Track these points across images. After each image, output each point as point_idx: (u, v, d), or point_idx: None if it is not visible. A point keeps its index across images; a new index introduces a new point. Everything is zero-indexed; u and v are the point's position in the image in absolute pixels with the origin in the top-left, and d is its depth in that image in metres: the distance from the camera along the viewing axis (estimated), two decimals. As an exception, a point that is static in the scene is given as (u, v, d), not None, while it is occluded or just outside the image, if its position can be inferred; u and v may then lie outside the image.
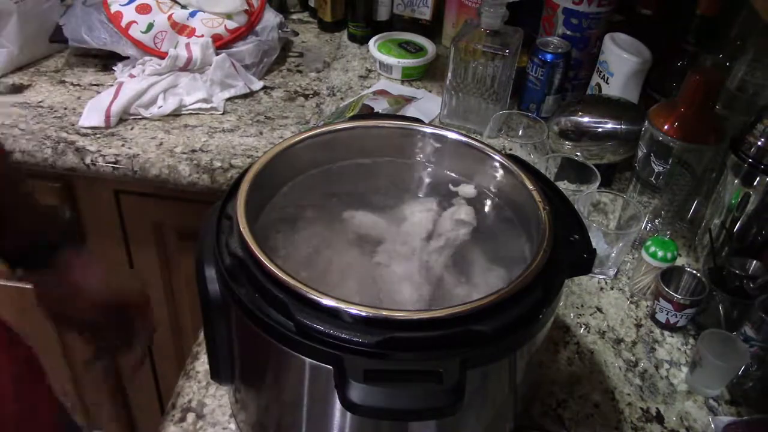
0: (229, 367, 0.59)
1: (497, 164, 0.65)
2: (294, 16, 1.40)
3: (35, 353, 0.66)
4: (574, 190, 0.88)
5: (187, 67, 1.09)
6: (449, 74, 1.06)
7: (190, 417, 0.67)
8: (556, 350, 0.77)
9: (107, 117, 1.01)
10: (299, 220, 0.64)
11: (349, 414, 0.50)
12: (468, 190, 0.67)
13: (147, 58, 1.11)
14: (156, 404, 1.30)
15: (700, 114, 0.82)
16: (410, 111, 1.11)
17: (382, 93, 1.13)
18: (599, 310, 0.83)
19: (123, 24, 1.10)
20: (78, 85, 1.12)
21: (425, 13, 1.30)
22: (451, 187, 0.68)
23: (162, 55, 1.09)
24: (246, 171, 0.59)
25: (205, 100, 1.07)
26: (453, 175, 0.69)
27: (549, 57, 1.04)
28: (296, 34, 1.28)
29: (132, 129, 1.02)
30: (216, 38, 1.12)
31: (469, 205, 0.66)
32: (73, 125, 1.01)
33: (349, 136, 0.68)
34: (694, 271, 0.79)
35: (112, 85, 1.08)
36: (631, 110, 0.99)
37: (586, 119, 0.98)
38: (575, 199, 0.82)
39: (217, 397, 0.68)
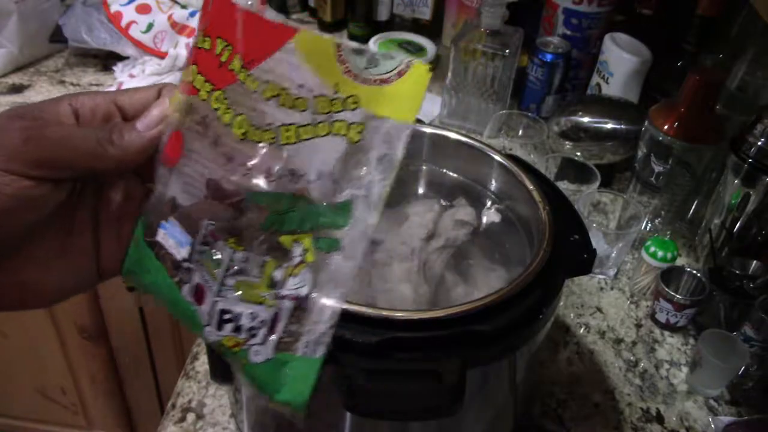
0: (229, 367, 0.59)
1: (497, 164, 0.65)
2: (294, 16, 1.40)
3: None
4: (574, 190, 0.88)
5: (187, 67, 1.09)
6: (449, 74, 1.06)
7: (190, 417, 0.67)
8: (556, 350, 0.77)
9: (107, 117, 1.01)
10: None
11: (349, 414, 0.50)
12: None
13: (147, 58, 1.11)
14: (156, 404, 1.30)
15: (700, 114, 0.82)
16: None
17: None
18: (599, 310, 0.83)
19: (123, 24, 1.10)
20: (78, 85, 1.12)
21: (425, 13, 1.30)
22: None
23: (162, 55, 1.09)
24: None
25: (205, 100, 1.07)
26: (453, 175, 0.69)
27: (549, 57, 1.04)
28: (296, 34, 1.27)
29: (132, 129, 1.02)
30: (216, 38, 1.12)
31: (472, 207, 0.66)
32: (73, 125, 1.01)
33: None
34: (694, 271, 0.79)
35: (111, 85, 1.08)
36: (631, 110, 0.99)
37: (586, 119, 0.98)
38: (575, 199, 0.82)
39: (217, 397, 0.68)
